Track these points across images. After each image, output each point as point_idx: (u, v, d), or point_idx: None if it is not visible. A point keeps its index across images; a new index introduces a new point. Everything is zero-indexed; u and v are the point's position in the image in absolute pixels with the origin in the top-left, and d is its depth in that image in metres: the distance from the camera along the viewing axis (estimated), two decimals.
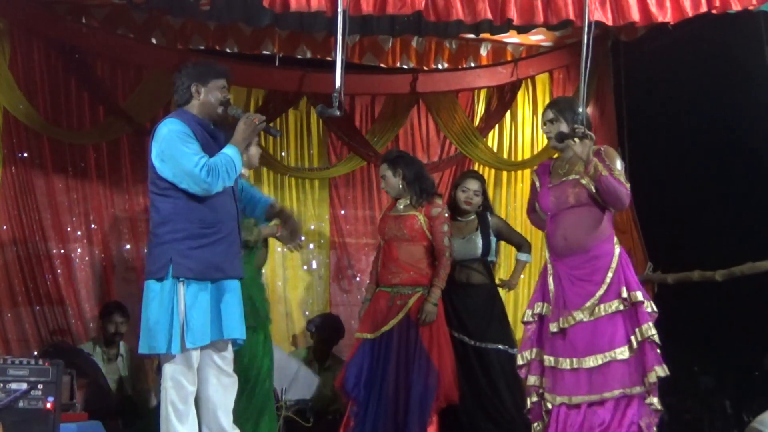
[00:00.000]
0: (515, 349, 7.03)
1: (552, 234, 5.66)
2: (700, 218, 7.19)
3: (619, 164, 5.50)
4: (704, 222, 7.18)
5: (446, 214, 6.74)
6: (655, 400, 5.34)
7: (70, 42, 8.01)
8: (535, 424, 5.70)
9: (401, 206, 6.81)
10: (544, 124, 5.77)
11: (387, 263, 6.77)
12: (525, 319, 5.81)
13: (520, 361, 5.79)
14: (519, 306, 8.68)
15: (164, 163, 5.00)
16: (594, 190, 5.43)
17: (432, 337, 6.56)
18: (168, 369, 5.03)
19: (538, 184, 5.88)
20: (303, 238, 5.95)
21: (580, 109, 5.53)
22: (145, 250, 5.45)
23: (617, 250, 5.48)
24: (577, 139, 5.43)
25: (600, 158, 5.45)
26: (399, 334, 6.58)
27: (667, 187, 5.57)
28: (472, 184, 7.23)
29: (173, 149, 4.98)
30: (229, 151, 5.08)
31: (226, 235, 5.14)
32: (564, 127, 5.61)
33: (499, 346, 6.92)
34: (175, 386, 5.05)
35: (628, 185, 5.45)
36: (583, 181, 5.46)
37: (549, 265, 5.69)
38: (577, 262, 5.51)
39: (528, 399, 5.76)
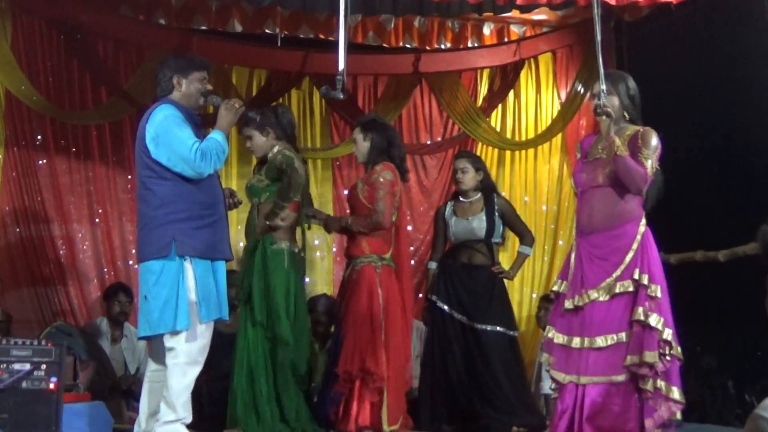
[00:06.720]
0: (514, 332, 7.04)
1: (579, 210, 5.59)
2: (704, 198, 7.17)
3: (652, 147, 5.38)
4: (707, 202, 7.17)
5: (386, 180, 6.42)
6: (650, 383, 5.23)
7: (72, 22, 7.99)
8: None
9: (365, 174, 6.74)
10: (594, 96, 5.66)
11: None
12: (549, 297, 5.76)
13: (542, 339, 5.75)
14: (515, 289, 8.67)
15: (159, 147, 5.14)
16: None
17: (348, 310, 6.38)
18: (183, 347, 5.13)
19: (578, 155, 5.80)
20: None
21: (602, 87, 5.47)
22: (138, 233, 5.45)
23: (641, 230, 5.40)
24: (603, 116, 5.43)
25: (635, 139, 5.40)
26: (343, 306, 6.54)
27: (670, 166, 5.55)
28: (459, 163, 7.24)
29: (169, 133, 5.14)
30: (217, 135, 5.25)
31: (220, 217, 5.39)
32: (615, 101, 5.56)
33: (498, 327, 6.89)
34: (191, 363, 5.15)
35: (650, 170, 5.36)
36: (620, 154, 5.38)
37: (574, 243, 5.64)
38: (598, 241, 5.44)
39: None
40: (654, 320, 5.21)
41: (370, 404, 6.17)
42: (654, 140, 5.41)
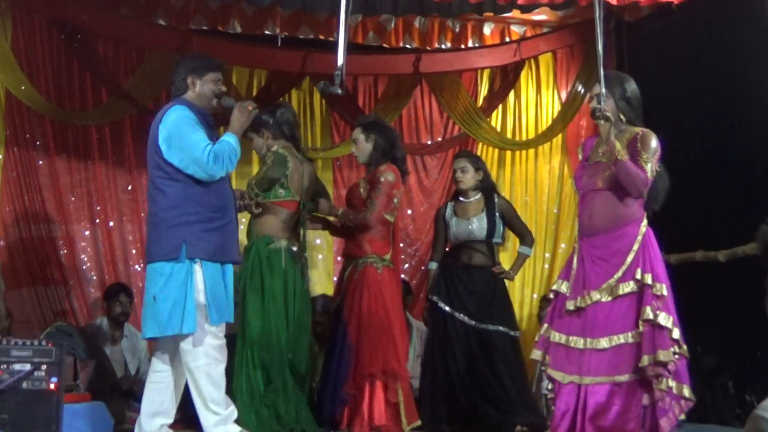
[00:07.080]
0: (516, 332, 7.04)
1: (580, 213, 5.62)
2: (704, 198, 7.17)
3: (651, 150, 5.36)
4: (707, 202, 7.16)
5: (387, 181, 6.45)
6: (664, 383, 5.21)
7: (72, 22, 7.98)
8: None
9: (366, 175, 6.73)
10: (591, 99, 5.67)
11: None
12: (548, 297, 5.78)
13: (536, 337, 5.76)
14: (515, 289, 8.64)
15: (171, 148, 5.13)
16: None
17: (353, 309, 6.39)
18: (200, 349, 5.15)
19: (580, 157, 5.83)
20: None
21: (602, 90, 5.46)
22: (147, 234, 5.46)
23: (643, 230, 5.39)
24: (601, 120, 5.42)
25: (634, 142, 5.39)
26: (346, 307, 6.50)
27: (670, 166, 5.55)
28: (458, 162, 7.26)
29: (182, 135, 5.14)
30: (230, 138, 5.26)
31: (230, 220, 5.39)
32: (610, 104, 5.53)
33: (500, 327, 6.88)
34: (213, 363, 5.20)
35: (650, 173, 5.35)
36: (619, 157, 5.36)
37: (576, 245, 5.65)
38: (599, 242, 5.45)
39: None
40: (663, 319, 5.21)
41: (386, 403, 6.22)
42: (653, 143, 5.40)
